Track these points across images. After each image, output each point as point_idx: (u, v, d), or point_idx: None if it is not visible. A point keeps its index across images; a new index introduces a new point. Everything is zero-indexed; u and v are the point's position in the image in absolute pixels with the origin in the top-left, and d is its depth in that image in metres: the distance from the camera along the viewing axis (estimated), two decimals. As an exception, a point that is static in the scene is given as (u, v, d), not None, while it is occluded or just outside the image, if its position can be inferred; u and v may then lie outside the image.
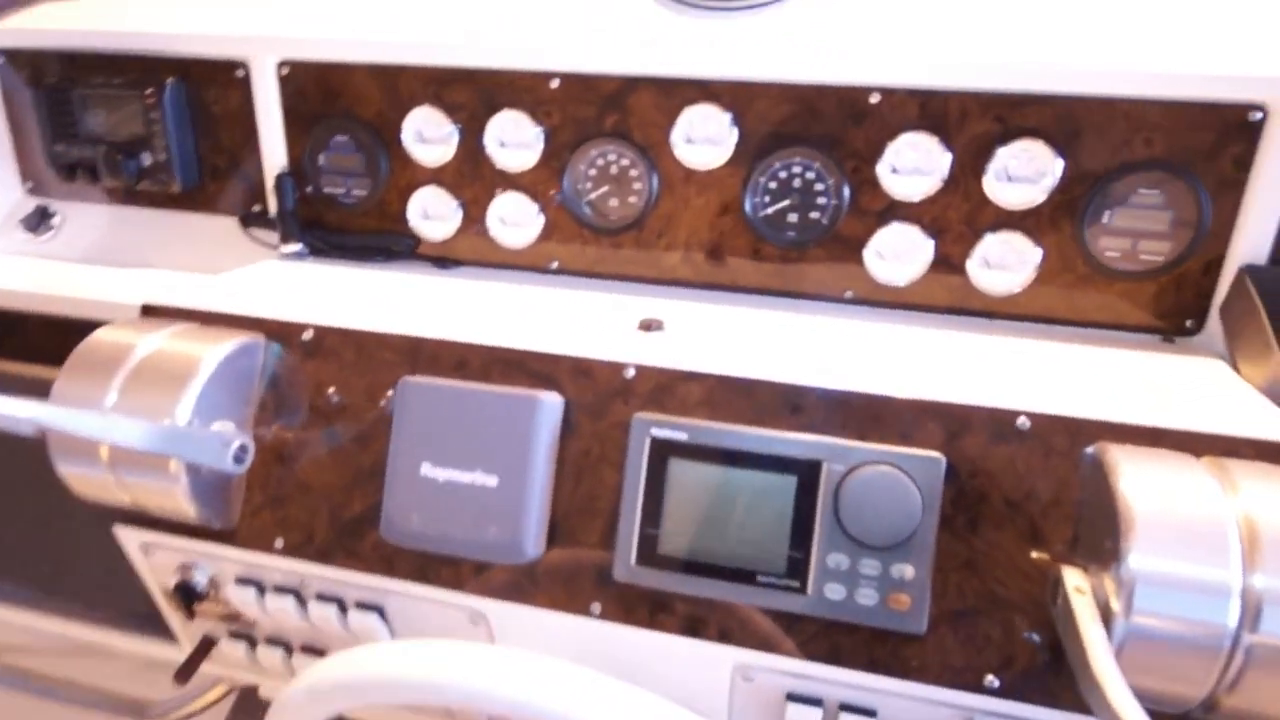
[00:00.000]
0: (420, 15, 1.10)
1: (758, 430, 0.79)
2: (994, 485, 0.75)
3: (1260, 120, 0.87)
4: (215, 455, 0.84)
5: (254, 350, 0.91)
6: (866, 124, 0.97)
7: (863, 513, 0.75)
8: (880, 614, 0.75)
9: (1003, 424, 0.75)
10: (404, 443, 0.85)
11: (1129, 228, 0.94)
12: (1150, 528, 0.64)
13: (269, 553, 0.91)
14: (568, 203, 1.08)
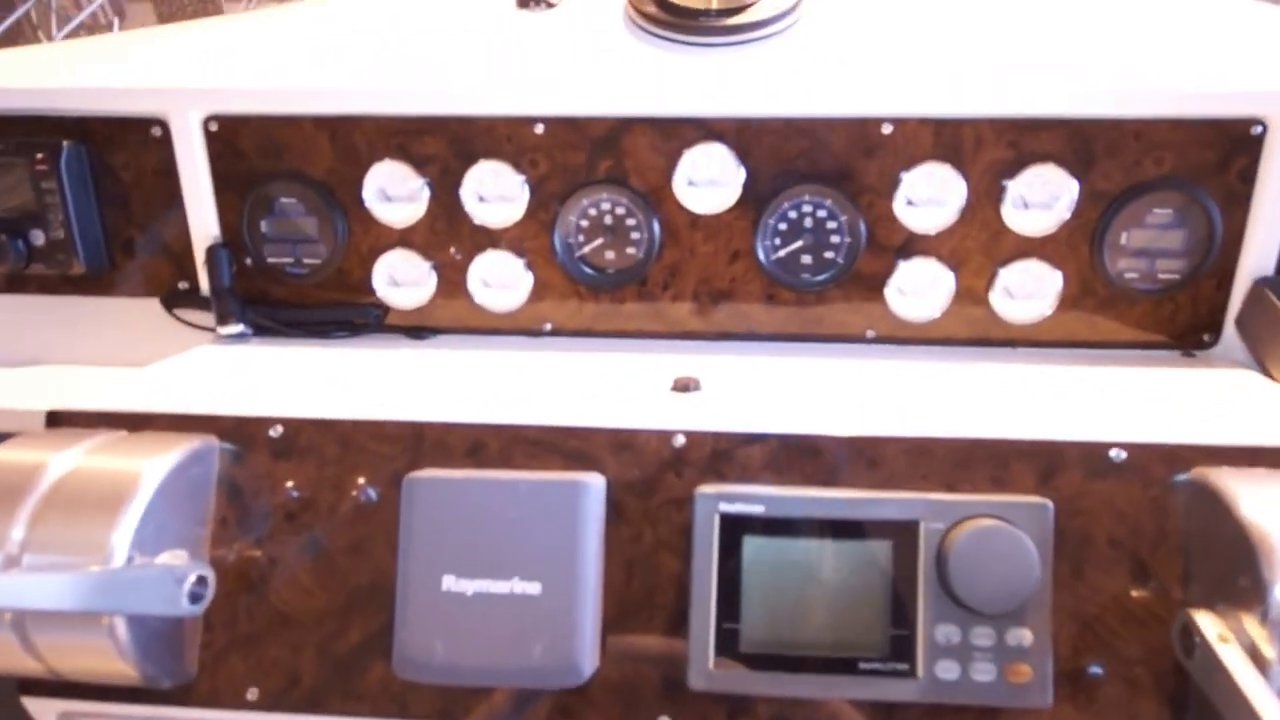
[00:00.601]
0: (373, 60, 0.98)
1: (840, 492, 0.71)
2: (1096, 525, 0.70)
3: (1262, 134, 0.89)
4: (166, 598, 0.67)
5: (206, 457, 0.74)
6: (879, 156, 0.93)
7: (974, 576, 0.67)
8: (1000, 690, 0.68)
9: (1097, 458, 0.71)
10: (417, 553, 0.70)
11: (1145, 247, 0.94)
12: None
13: (239, 709, 0.74)
14: (559, 258, 0.98)
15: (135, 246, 1.02)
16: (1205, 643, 0.63)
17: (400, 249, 0.99)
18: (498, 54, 0.97)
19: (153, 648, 0.70)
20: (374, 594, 0.73)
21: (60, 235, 0.99)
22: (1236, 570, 0.64)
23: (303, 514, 0.74)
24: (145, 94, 0.96)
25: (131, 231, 1.02)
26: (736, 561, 0.70)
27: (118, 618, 0.66)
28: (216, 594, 0.71)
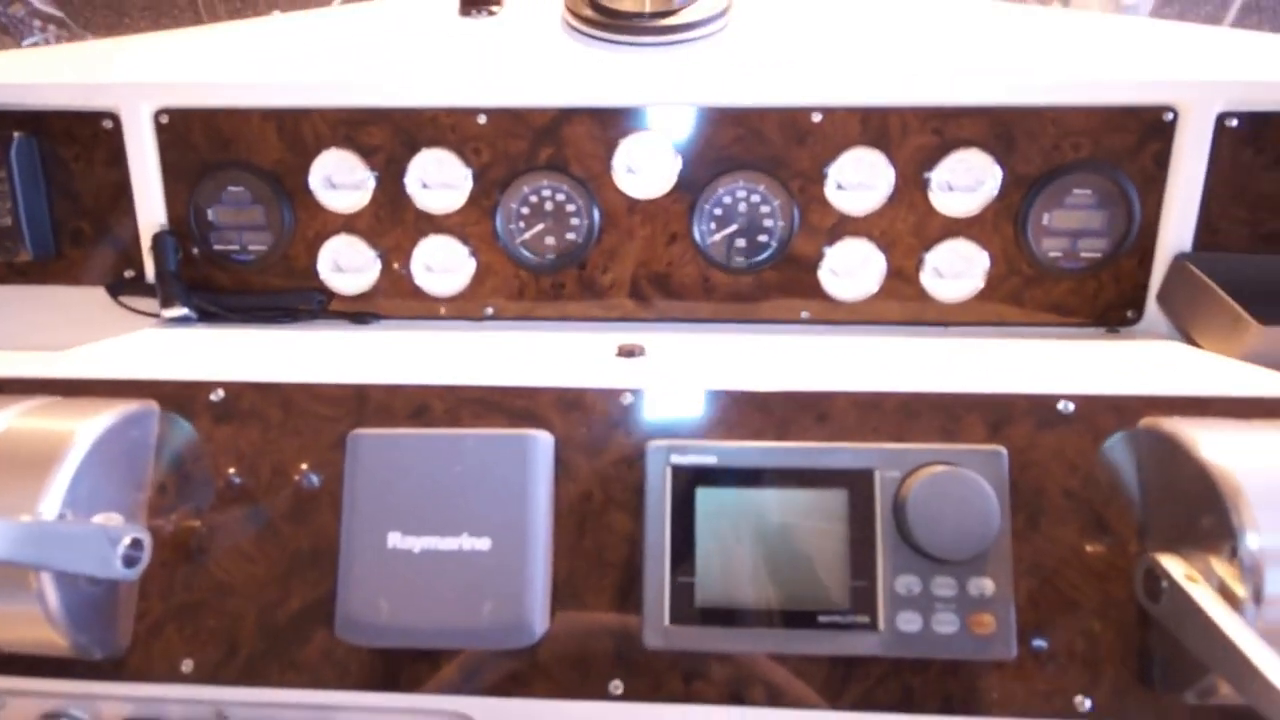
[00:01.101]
0: (321, 57, 1.02)
1: (793, 443, 0.70)
2: (1047, 476, 0.70)
3: (1172, 120, 0.93)
4: (99, 558, 0.65)
5: (145, 420, 0.73)
6: (810, 144, 0.97)
7: (932, 523, 0.65)
8: (964, 642, 0.66)
9: (1046, 409, 0.71)
10: (362, 511, 0.68)
11: (1067, 227, 0.97)
12: (1262, 499, 0.60)
13: (173, 681, 0.71)
14: (501, 243, 1.01)
15: (82, 236, 1.03)
16: (1173, 584, 0.62)
17: (345, 235, 1.01)
18: (442, 51, 1.01)
19: (84, 616, 0.67)
20: (316, 560, 0.71)
21: (8, 223, 1.00)
22: (1199, 513, 0.63)
23: (245, 480, 0.73)
24: (98, 89, 0.99)
25: (79, 221, 1.03)
26: (690, 514, 0.69)
27: (47, 583, 0.64)
28: (153, 562, 0.70)
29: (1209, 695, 0.64)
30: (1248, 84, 0.92)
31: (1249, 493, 0.61)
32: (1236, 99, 0.92)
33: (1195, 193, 0.94)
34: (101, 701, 0.74)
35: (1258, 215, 0.95)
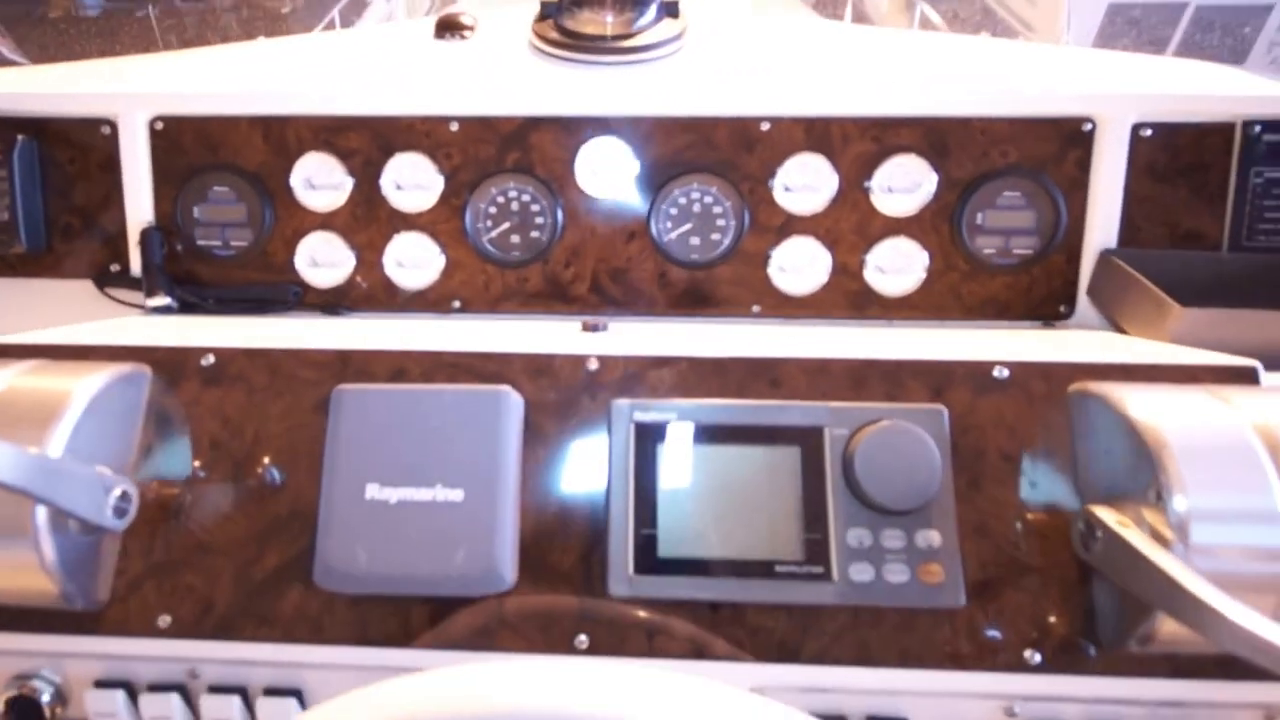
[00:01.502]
0: (305, 71, 1.10)
1: (748, 401, 0.74)
2: (985, 438, 0.74)
3: (1091, 130, 1.01)
4: (93, 503, 0.68)
5: (137, 382, 0.77)
6: (758, 150, 1.04)
7: (879, 475, 0.69)
8: (914, 591, 0.69)
9: (982, 376, 0.75)
10: (342, 463, 0.72)
11: (1000, 226, 1.03)
12: (1184, 450, 0.64)
13: (150, 636, 0.73)
14: (470, 239, 1.07)
15: (72, 231, 1.09)
16: (1107, 529, 0.66)
17: (322, 231, 1.07)
18: (418, 67, 1.09)
19: (73, 565, 0.70)
20: (293, 520, 0.74)
21: (5, 218, 1.06)
22: (1128, 467, 0.67)
23: (229, 442, 0.76)
24: (101, 98, 1.07)
25: (71, 218, 1.09)
26: (652, 469, 0.72)
27: (43, 531, 0.67)
28: (136, 520, 0.73)
29: (1148, 642, 0.67)
30: (1158, 98, 1.00)
31: (1173, 444, 0.65)
32: (1149, 111, 1.00)
33: (1117, 195, 1.01)
34: (73, 660, 0.76)
35: (1176, 215, 1.02)
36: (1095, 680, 0.70)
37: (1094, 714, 0.72)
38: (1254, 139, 1.00)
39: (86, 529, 0.71)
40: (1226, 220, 1.02)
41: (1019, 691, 0.71)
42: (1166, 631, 0.66)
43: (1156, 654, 0.69)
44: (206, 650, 0.73)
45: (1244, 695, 0.71)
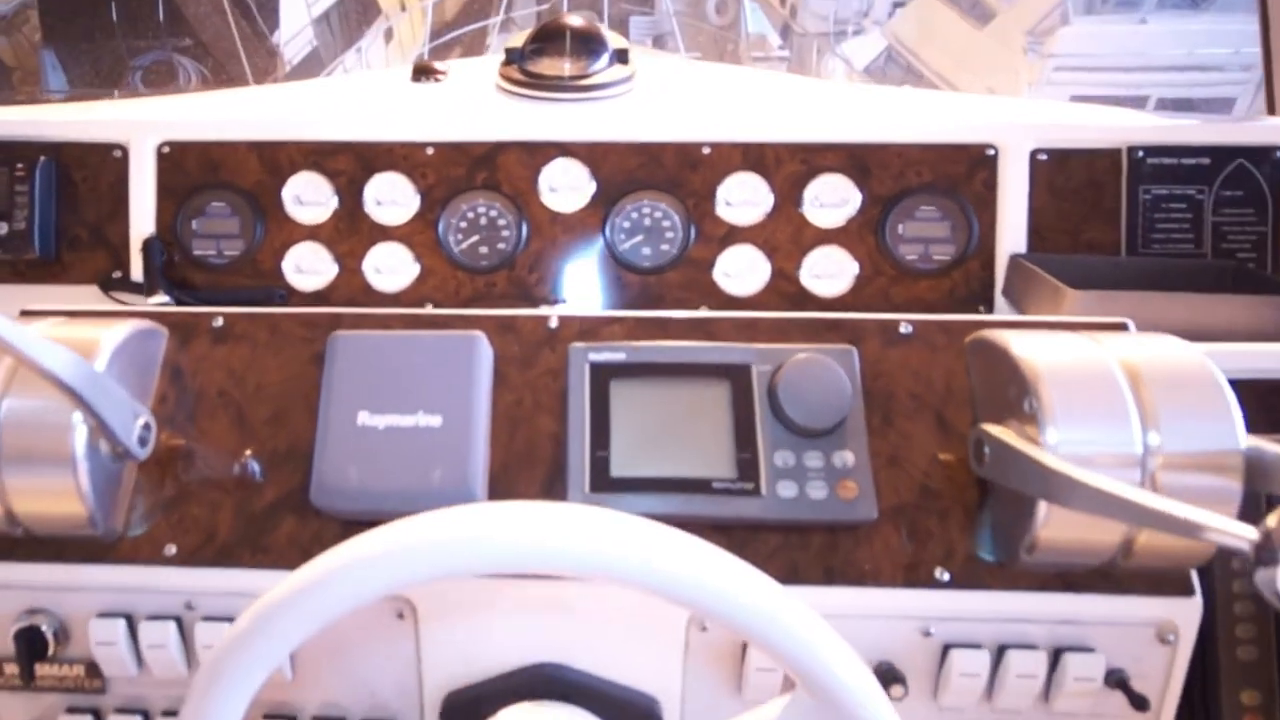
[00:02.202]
0: (297, 105, 1.24)
1: (687, 343, 0.84)
2: (894, 382, 0.83)
3: (994, 155, 1.14)
4: (124, 423, 0.76)
5: (154, 338, 0.86)
6: (701, 170, 1.17)
7: (799, 400, 0.78)
8: (833, 505, 0.77)
9: (890, 330, 0.85)
10: (337, 396, 0.80)
11: (919, 236, 1.15)
12: (1052, 374, 0.73)
13: (157, 564, 0.80)
14: (442, 249, 1.18)
15: (80, 242, 1.20)
16: (994, 440, 0.75)
17: (309, 242, 1.18)
18: (397, 101, 1.23)
19: (101, 491, 0.77)
20: (289, 457, 0.82)
21: (22, 227, 1.17)
22: (1012, 395, 0.76)
23: (233, 390, 0.85)
24: (115, 124, 1.20)
25: (79, 230, 1.20)
26: (605, 401, 0.81)
27: (79, 455, 0.74)
28: (149, 460, 0.80)
29: (1034, 550, 0.74)
30: (1050, 127, 1.14)
31: (1043, 366, 0.74)
32: (1043, 139, 1.14)
33: (1022, 209, 1.13)
34: (78, 594, 0.82)
35: (1077, 226, 1.14)
36: (999, 595, 0.77)
37: (1001, 634, 0.78)
38: (1139, 161, 1.12)
39: (114, 458, 0.78)
40: (1123, 231, 1.13)
41: (932, 609, 0.77)
42: (1046, 537, 0.73)
43: (1049, 568, 0.76)
44: (205, 581, 0.80)
45: (1137, 612, 0.77)
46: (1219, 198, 1.11)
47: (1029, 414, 0.73)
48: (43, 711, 0.85)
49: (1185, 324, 0.86)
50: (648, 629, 0.79)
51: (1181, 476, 0.69)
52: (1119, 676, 0.77)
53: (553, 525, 0.55)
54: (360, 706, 0.83)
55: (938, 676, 0.79)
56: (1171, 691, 0.78)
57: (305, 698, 0.83)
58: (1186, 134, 1.12)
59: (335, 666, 0.82)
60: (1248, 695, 0.83)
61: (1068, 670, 0.77)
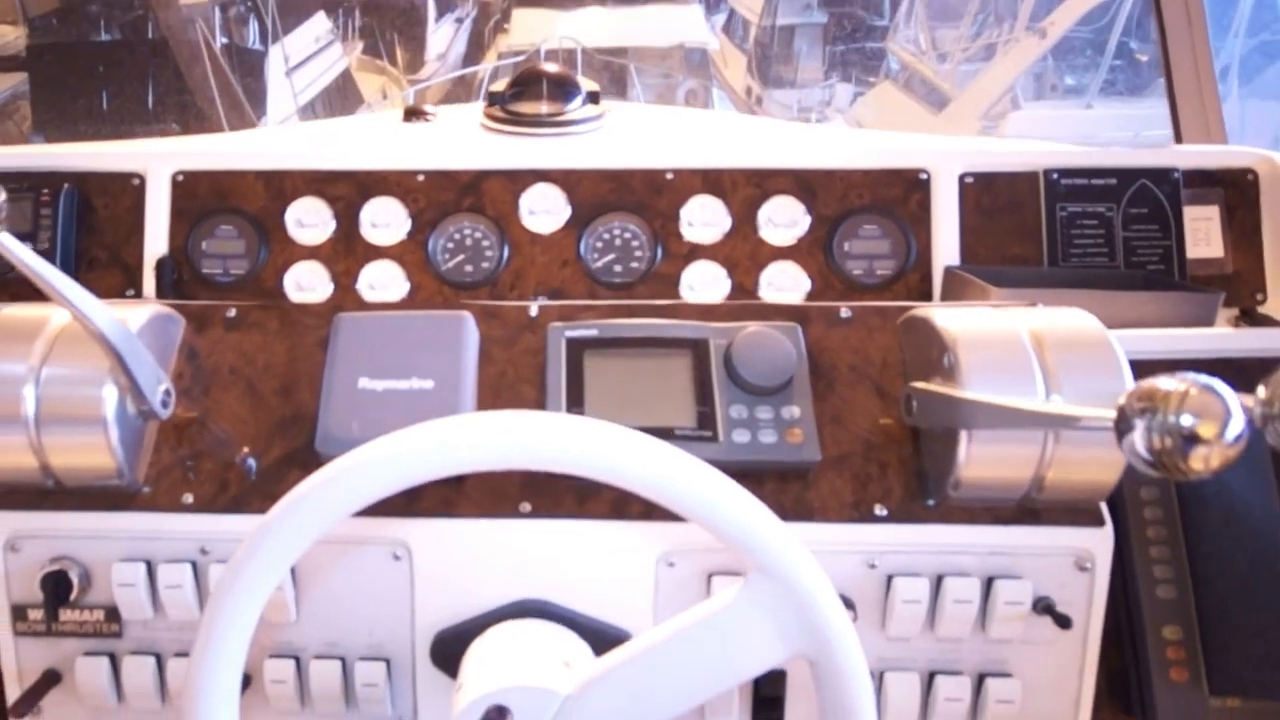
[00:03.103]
0: (300, 140, 1.36)
1: (653, 320, 0.96)
2: (836, 356, 0.95)
3: (927, 179, 1.28)
4: (150, 381, 0.85)
5: (173, 324, 0.96)
6: (666, 193, 1.29)
7: (750, 363, 0.90)
8: (782, 449, 0.88)
9: (831, 315, 0.98)
10: (341, 364, 0.91)
11: (864, 253, 1.28)
12: (965, 338, 0.86)
13: (175, 511, 0.89)
14: (430, 267, 1.29)
15: (98, 262, 1.30)
16: (920, 391, 0.87)
17: (308, 261, 1.29)
18: (392, 136, 1.36)
19: (128, 446, 0.88)
20: (295, 421, 0.92)
21: (45, 248, 1.27)
22: (935, 357, 0.88)
23: (244, 368, 0.96)
24: (135, 155, 1.32)
25: (97, 250, 1.30)
26: (579, 371, 0.92)
27: (110, 413, 0.85)
28: (167, 425, 0.91)
29: (960, 486, 0.85)
30: (975, 153, 1.29)
31: (959, 334, 0.87)
32: (970, 164, 1.28)
33: (954, 226, 1.27)
34: (103, 542, 0.90)
35: (1003, 241, 1.27)
36: (933, 529, 0.87)
37: (938, 564, 0.87)
38: (1054, 183, 1.27)
39: (140, 416, 0.88)
40: (1044, 245, 1.27)
41: (875, 542, 0.87)
42: (968, 475, 0.83)
43: (974, 503, 0.86)
44: (219, 526, 0.88)
45: (1057, 541, 0.87)
46: (1126, 214, 1.26)
47: (948, 369, 0.85)
48: (62, 657, 0.92)
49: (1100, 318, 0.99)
50: (622, 567, 0.88)
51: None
52: (1045, 603, 0.86)
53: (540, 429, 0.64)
54: (358, 646, 0.91)
55: (885, 607, 0.88)
56: (1095, 616, 0.88)
57: (308, 638, 0.90)
58: (1095, 159, 1.27)
59: (336, 608, 0.90)
60: (1170, 630, 0.92)
61: (999, 596, 0.86)
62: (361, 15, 9.25)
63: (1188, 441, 0.58)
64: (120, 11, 7.77)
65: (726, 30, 10.38)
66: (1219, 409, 0.58)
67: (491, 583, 0.89)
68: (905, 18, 7.59)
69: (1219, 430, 0.57)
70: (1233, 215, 1.26)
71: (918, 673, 0.90)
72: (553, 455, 0.64)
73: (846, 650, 0.66)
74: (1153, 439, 0.59)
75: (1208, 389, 0.58)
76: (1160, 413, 0.58)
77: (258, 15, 7.73)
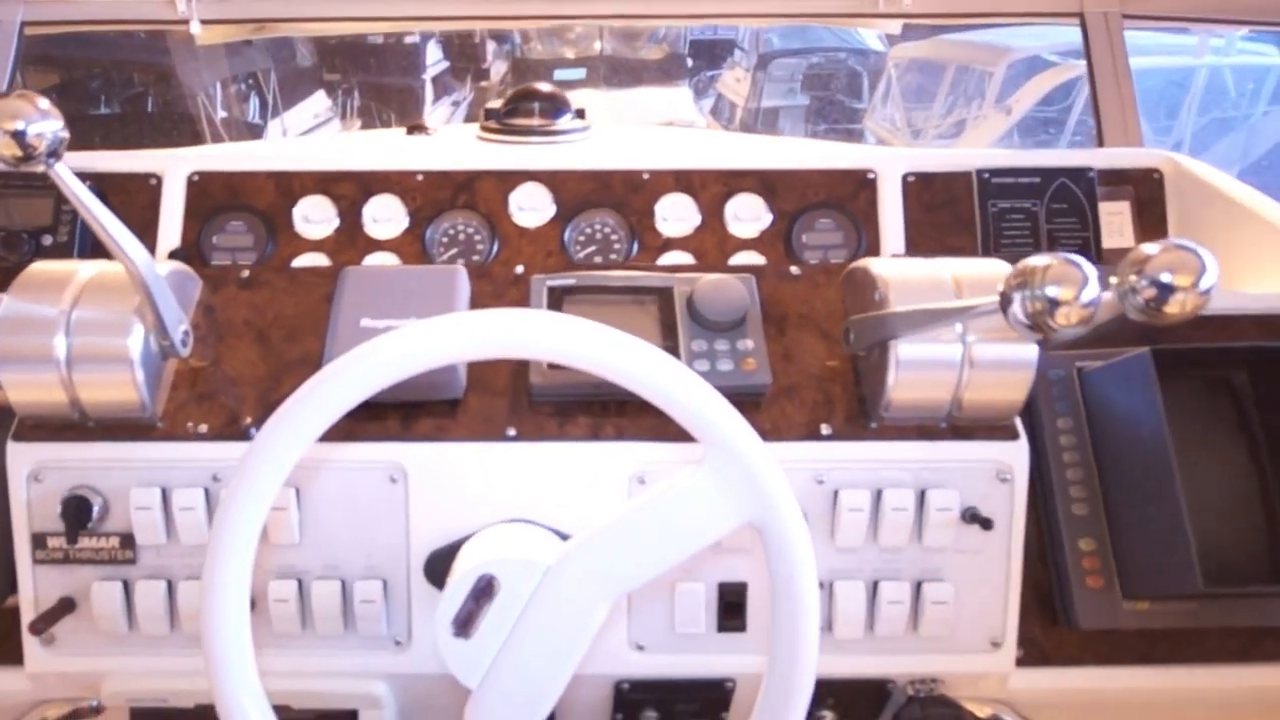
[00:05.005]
0: (308, 147, 1.50)
1: (623, 272, 1.08)
2: (788, 307, 1.08)
3: (874, 179, 1.43)
4: (173, 318, 0.95)
5: (190, 282, 1.07)
6: (642, 192, 1.44)
7: (709, 304, 1.02)
8: (737, 375, 0.99)
9: (783, 272, 1.11)
10: (345, 309, 1.01)
11: (819, 244, 1.41)
12: (897, 281, 0.98)
13: (190, 440, 0.98)
14: (426, 258, 1.41)
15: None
16: (855, 321, 1.00)
17: (312, 253, 1.41)
18: (395, 145, 1.50)
19: (151, 382, 0.97)
20: (303, 363, 1.02)
21: (65, 240, 1.39)
22: (869, 296, 1.01)
23: (256, 320, 1.06)
24: (154, 157, 1.45)
25: None
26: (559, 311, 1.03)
27: (136, 352, 0.94)
28: (183, 366, 1.01)
29: (890, 408, 0.97)
30: (916, 156, 1.44)
31: (889, 275, 1.00)
32: (912, 165, 1.43)
33: (899, 220, 1.41)
34: (122, 471, 0.98)
35: (943, 234, 1.42)
36: (872, 445, 0.98)
37: (877, 478, 0.98)
38: (985, 181, 1.42)
39: (161, 354, 0.98)
40: (978, 236, 1.41)
41: (822, 459, 0.98)
42: (896, 396, 0.95)
43: (905, 422, 0.98)
44: (229, 453, 0.97)
45: (979, 454, 0.98)
46: (1049, 209, 1.40)
47: (879, 303, 0.97)
48: (78, 584, 1.00)
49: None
50: (599, 485, 0.98)
51: (989, 346, 0.94)
52: (972, 511, 0.97)
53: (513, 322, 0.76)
54: (357, 567, 0.99)
55: (833, 519, 0.98)
56: (1016, 523, 0.98)
57: (309, 560, 0.99)
58: (1021, 160, 1.42)
59: (337, 530, 0.99)
60: (1085, 542, 1.03)
61: (931, 504, 0.97)
62: (361, 96, 9.57)
63: (1052, 304, 0.71)
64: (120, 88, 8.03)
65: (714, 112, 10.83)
66: (1076, 276, 0.70)
67: (481, 502, 0.98)
68: (882, 99, 7.99)
69: (1076, 293, 0.70)
70: (1142, 210, 1.41)
71: (863, 581, 1.00)
72: (520, 342, 0.75)
73: (789, 518, 0.76)
74: (1027, 305, 0.72)
75: (1067, 261, 0.71)
76: (1030, 285, 0.71)
77: (258, 92, 8.02)
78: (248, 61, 7.85)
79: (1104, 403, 1.06)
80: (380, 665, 1.01)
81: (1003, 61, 6.27)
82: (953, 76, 6.93)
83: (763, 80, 9.73)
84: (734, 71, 10.92)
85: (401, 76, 9.10)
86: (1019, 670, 1.03)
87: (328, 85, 9.16)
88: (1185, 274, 0.71)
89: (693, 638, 1.00)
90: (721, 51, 11.76)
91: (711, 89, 11.93)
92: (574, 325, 0.75)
